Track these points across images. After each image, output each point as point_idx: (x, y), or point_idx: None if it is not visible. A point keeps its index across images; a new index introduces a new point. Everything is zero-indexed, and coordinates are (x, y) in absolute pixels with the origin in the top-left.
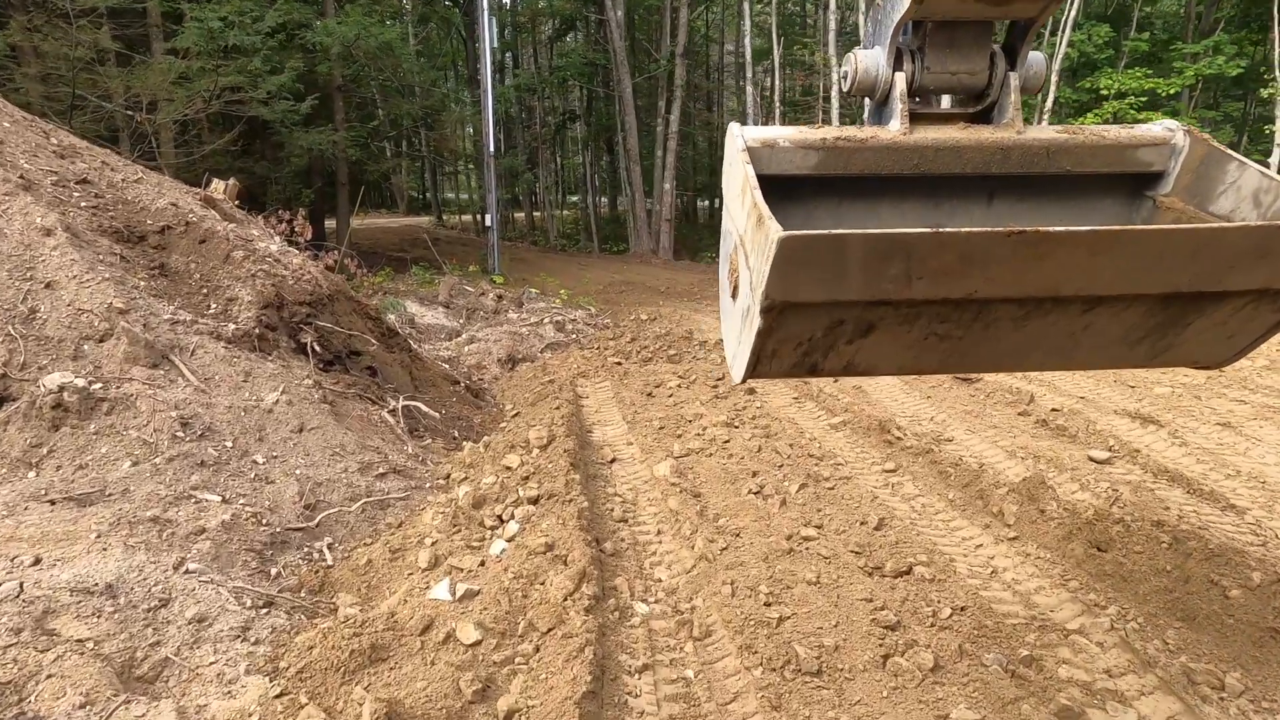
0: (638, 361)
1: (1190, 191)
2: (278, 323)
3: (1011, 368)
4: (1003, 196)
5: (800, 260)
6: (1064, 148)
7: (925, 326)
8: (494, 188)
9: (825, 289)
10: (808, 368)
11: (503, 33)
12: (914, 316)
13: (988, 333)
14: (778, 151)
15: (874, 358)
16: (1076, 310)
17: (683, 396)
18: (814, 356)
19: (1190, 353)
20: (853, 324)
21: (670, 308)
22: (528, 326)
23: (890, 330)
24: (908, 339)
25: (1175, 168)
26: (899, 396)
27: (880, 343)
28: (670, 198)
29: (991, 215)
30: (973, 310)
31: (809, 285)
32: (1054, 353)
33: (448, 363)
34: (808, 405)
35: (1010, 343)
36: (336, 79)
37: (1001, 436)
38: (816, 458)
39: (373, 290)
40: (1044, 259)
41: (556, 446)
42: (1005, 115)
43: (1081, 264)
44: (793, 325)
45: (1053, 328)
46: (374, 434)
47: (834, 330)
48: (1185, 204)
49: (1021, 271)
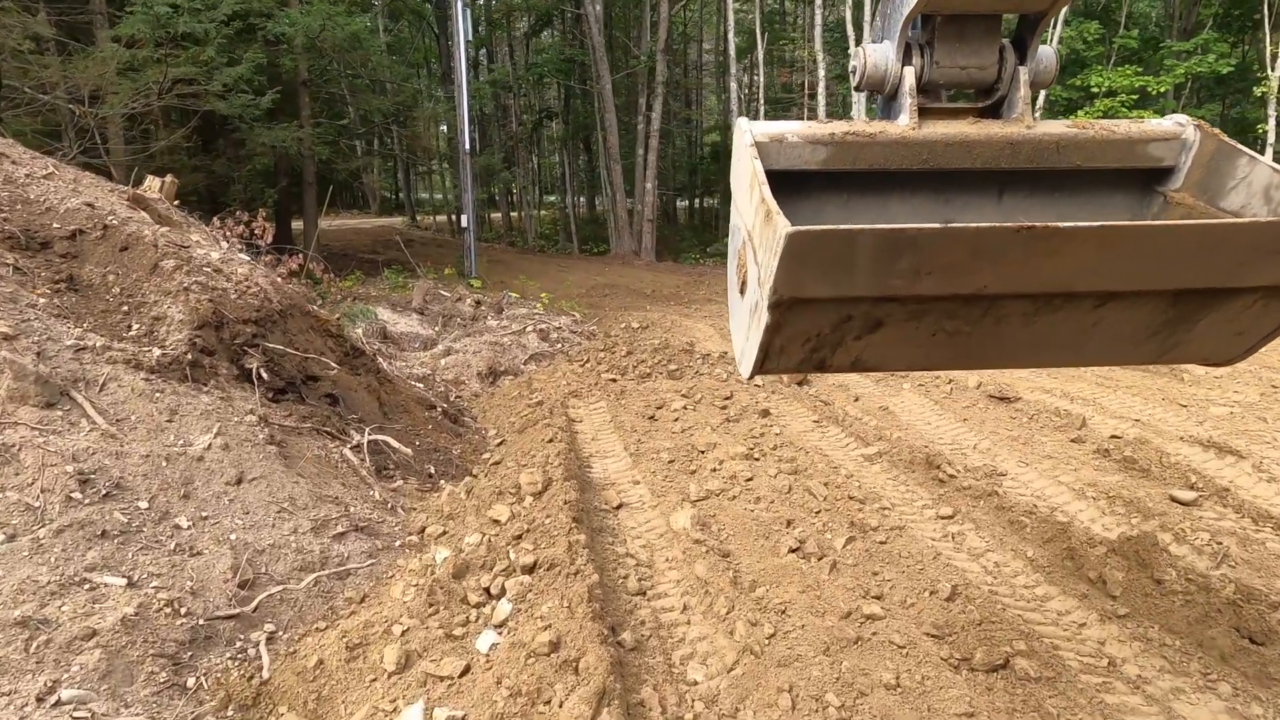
0: (635, 378)
1: (1201, 187)
2: (216, 345)
3: (1021, 364)
4: (1012, 192)
5: (809, 256)
6: (1074, 142)
7: (934, 323)
8: (470, 187)
9: (834, 285)
10: (816, 363)
11: (476, 28)
12: (923, 312)
13: (997, 329)
14: (786, 146)
15: (882, 354)
16: (1087, 306)
17: (690, 420)
18: (822, 352)
19: (1200, 349)
20: (861, 320)
21: (659, 313)
22: (509, 335)
23: (899, 326)
24: (916, 335)
25: (1186, 163)
26: (932, 419)
27: (889, 339)
28: (652, 197)
29: (1001, 211)
30: (982, 306)
31: (817, 281)
32: (1064, 349)
33: (422, 381)
34: (832, 431)
35: (1020, 339)
36: (302, 73)
37: (1060, 469)
38: (858, 500)
39: (341, 296)
40: (1054, 255)
41: (554, 495)
42: (1015, 110)
43: (1092, 260)
44: (801, 321)
45: (1063, 324)
46: (333, 478)
47: (842, 326)
48: (1196, 200)
49: (1032, 267)
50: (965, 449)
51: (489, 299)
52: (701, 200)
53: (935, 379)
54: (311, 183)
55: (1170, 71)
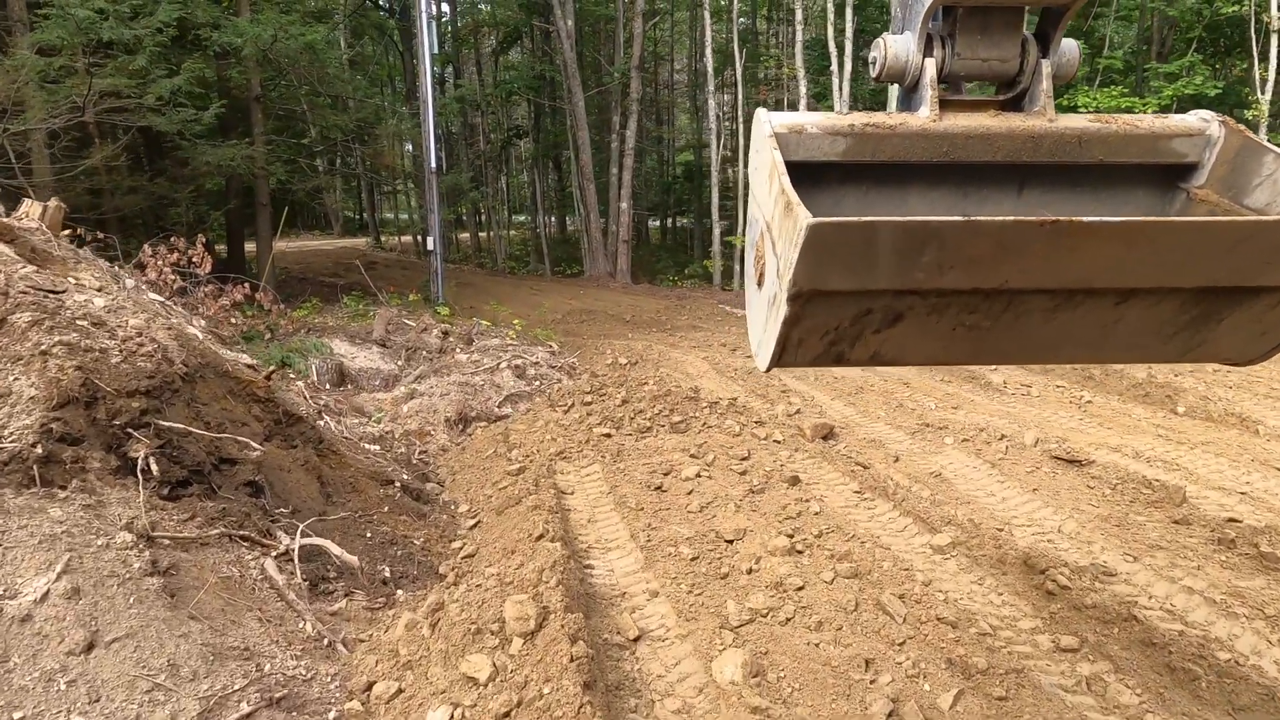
0: (632, 432)
1: (1225, 184)
2: (85, 430)
3: (1040, 360)
4: (1033, 186)
5: (829, 248)
6: (1096, 137)
7: (954, 317)
8: (436, 207)
9: (854, 277)
10: (834, 357)
11: (442, 45)
12: (943, 306)
13: (1018, 324)
14: (805, 137)
15: (901, 348)
16: (1109, 303)
17: (706, 492)
18: (840, 346)
19: (1222, 349)
20: (881, 313)
21: (643, 342)
22: (482, 373)
23: (919, 320)
24: (936, 329)
25: (1210, 159)
26: (995, 489)
27: (909, 332)
28: (628, 218)
29: (1022, 205)
30: (1003, 301)
31: (838, 273)
32: (1084, 345)
33: (378, 442)
34: (881, 507)
35: (1040, 335)
36: (254, 88)
37: (1180, 568)
38: (949, 623)
39: (294, 328)
40: (1078, 250)
41: (552, 639)
42: (1036, 103)
43: (1115, 255)
44: (820, 314)
45: (1084, 320)
46: (246, 611)
47: (862, 319)
48: (1219, 197)
49: (1055, 262)
50: (1051, 533)
51: (457, 328)
52: (675, 220)
53: (983, 434)
54: (265, 204)
55: (1158, 94)
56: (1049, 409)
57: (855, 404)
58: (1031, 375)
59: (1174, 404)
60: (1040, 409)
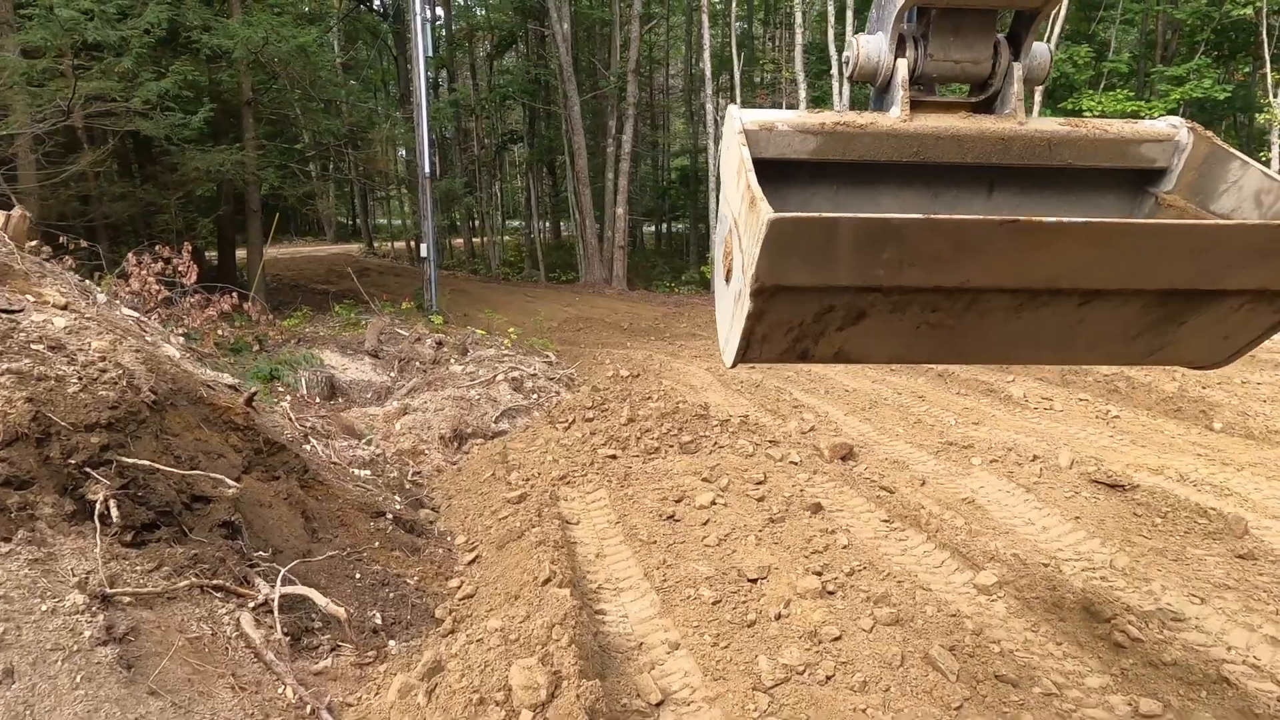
0: (639, 453)
1: (1193, 189)
2: (37, 471)
3: (1004, 360)
4: (1003, 188)
5: (791, 243)
6: (1066, 140)
7: (917, 315)
8: (430, 214)
9: (816, 273)
10: (799, 353)
11: (437, 49)
12: (905, 304)
13: (981, 323)
14: (776, 135)
15: (865, 345)
16: (1072, 303)
17: (724, 522)
18: (805, 342)
19: (1186, 351)
20: (843, 310)
21: (643, 352)
22: (477, 386)
23: (881, 317)
24: (899, 327)
25: (1178, 165)
26: (1034, 518)
27: (871, 330)
28: (624, 223)
29: (991, 207)
30: (965, 300)
31: (800, 269)
32: (1048, 347)
33: (368, 467)
34: (915, 540)
35: (1004, 334)
36: (245, 91)
37: (1257, 613)
38: (1009, 682)
39: (283, 338)
40: (1039, 249)
41: (566, 716)
42: (1008, 106)
43: (1078, 256)
44: (783, 309)
45: (1047, 321)
46: (216, 680)
47: (825, 316)
48: (1187, 202)
49: (1016, 261)
50: (1102, 569)
51: (452, 338)
52: (670, 226)
53: (1012, 454)
54: (256, 210)
55: (1164, 97)
56: (1075, 424)
57: (871, 420)
58: (1052, 388)
59: (1209, 419)
60: (1066, 425)
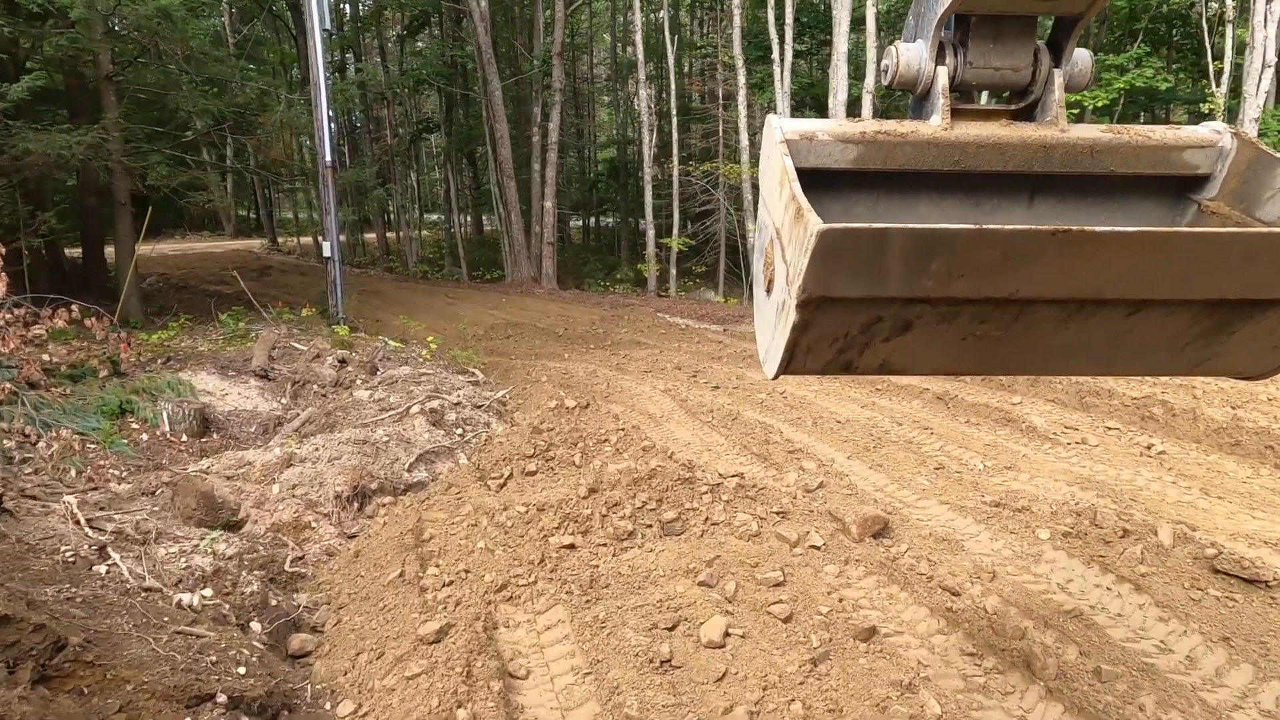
0: (606, 540)
1: (1237, 196)
2: None
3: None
4: (1044, 196)
5: (839, 254)
6: (1108, 147)
7: (964, 326)
8: (334, 208)
9: (864, 284)
10: (842, 365)
11: (341, 26)
12: (953, 315)
13: (1028, 334)
14: (816, 144)
15: (910, 357)
16: (1120, 314)
17: (742, 670)
18: (849, 354)
19: (1234, 362)
20: (890, 321)
21: (584, 366)
22: (387, 421)
23: (928, 329)
24: (946, 339)
25: (1222, 171)
26: (1164, 636)
27: (918, 341)
28: (552, 218)
29: (1032, 215)
30: (1013, 311)
31: (847, 280)
32: (1095, 358)
33: (209, 581)
34: (1031, 695)
35: (1051, 346)
36: (104, 65)
37: None
38: None
39: (150, 356)
40: (1089, 260)
41: None
42: (1049, 113)
43: (1127, 266)
44: (829, 321)
45: (1095, 331)
46: None
47: (871, 327)
48: (1231, 209)
49: (1065, 272)
50: None
51: (358, 354)
52: (598, 220)
53: (1088, 524)
54: (125, 203)
55: (1106, 86)
56: (1124, 466)
57: (884, 467)
58: (1070, 412)
59: (1279, 456)
60: (1110, 465)
